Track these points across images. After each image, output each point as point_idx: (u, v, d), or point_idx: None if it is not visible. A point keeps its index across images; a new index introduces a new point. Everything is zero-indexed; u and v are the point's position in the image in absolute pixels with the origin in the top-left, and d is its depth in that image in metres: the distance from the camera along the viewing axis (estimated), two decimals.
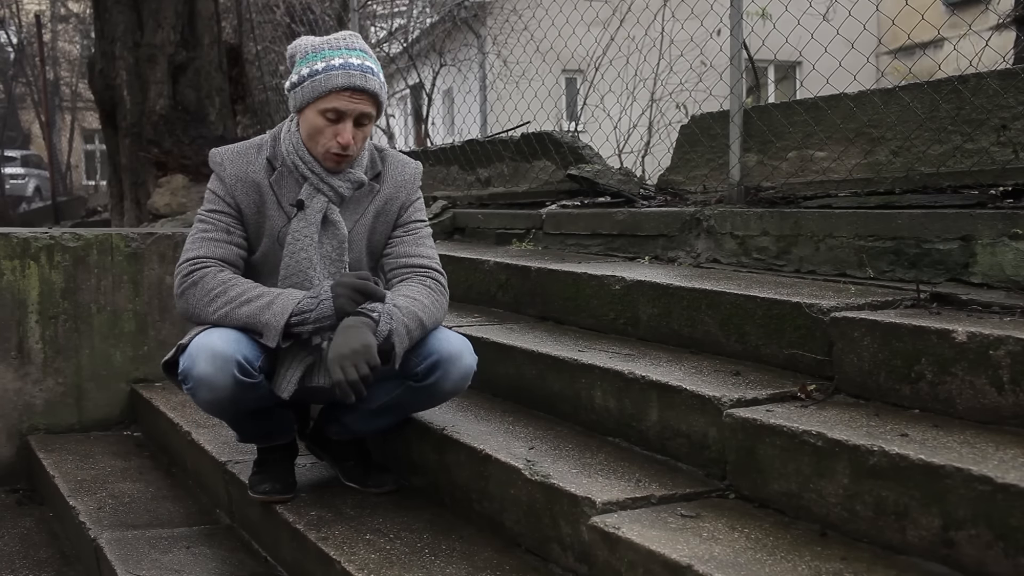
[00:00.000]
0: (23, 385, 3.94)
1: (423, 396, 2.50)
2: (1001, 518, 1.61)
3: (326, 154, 2.45)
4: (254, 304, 2.36)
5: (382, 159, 2.62)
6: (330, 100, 2.39)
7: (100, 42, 7.15)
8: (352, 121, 2.41)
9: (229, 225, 2.50)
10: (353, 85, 2.38)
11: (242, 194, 2.51)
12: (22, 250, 3.91)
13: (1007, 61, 3.94)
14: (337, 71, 2.38)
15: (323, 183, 2.48)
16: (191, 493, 3.24)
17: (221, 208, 2.51)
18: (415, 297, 2.43)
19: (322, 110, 2.40)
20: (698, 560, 1.75)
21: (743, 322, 2.56)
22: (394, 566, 2.19)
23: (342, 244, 2.50)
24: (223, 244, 2.48)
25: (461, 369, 2.43)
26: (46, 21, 18.24)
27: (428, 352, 2.41)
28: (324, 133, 2.43)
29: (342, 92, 2.38)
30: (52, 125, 15.87)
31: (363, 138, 2.48)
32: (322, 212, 2.48)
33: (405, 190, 2.61)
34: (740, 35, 3.76)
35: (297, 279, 2.46)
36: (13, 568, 3.02)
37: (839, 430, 1.94)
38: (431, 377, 2.41)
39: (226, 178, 2.52)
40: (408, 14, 11.78)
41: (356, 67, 2.40)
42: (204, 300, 2.40)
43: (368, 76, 2.41)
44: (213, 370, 2.29)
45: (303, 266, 2.46)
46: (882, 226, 2.92)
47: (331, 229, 2.49)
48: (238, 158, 2.54)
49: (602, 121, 5.87)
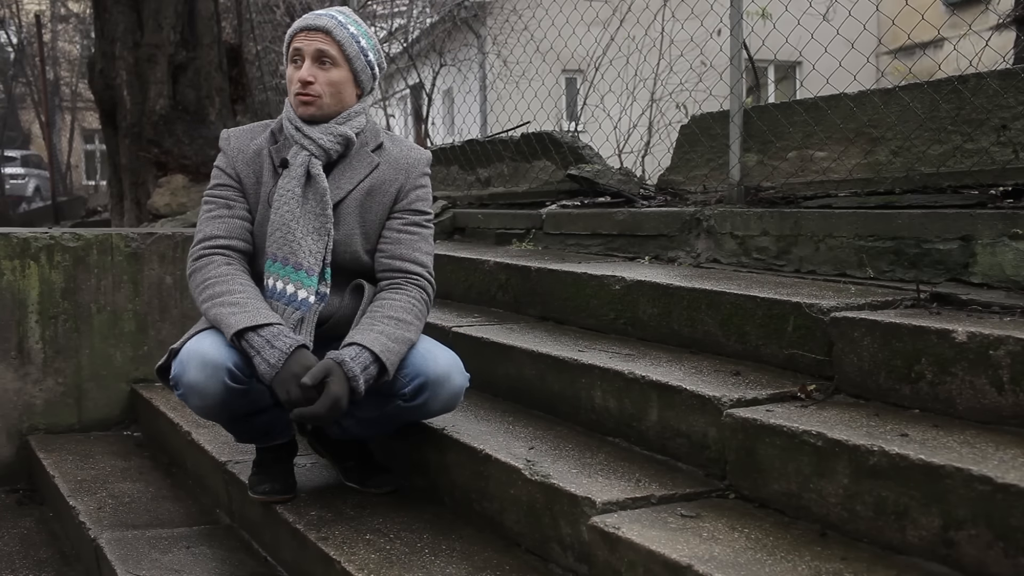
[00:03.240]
0: (23, 385, 3.94)
1: (413, 414, 2.49)
2: (1001, 518, 1.61)
3: (295, 99, 2.52)
4: (225, 308, 2.35)
5: (389, 138, 2.65)
6: (292, 45, 2.54)
7: (100, 42, 7.15)
8: (310, 59, 2.50)
9: (229, 199, 2.54)
10: (304, 25, 2.53)
11: (243, 164, 2.55)
12: (22, 250, 3.91)
13: (1007, 61, 3.94)
14: (298, 21, 2.56)
15: (304, 137, 2.51)
16: (191, 493, 3.24)
17: (223, 182, 2.56)
18: (401, 318, 2.40)
19: (291, 58, 2.55)
20: (698, 560, 1.75)
21: (743, 322, 2.56)
22: (394, 566, 2.19)
23: (323, 199, 2.48)
24: (225, 219, 2.51)
25: (449, 391, 2.41)
26: (46, 21, 18.23)
27: (415, 373, 2.36)
28: (292, 80, 2.53)
29: (298, 34, 2.53)
30: (52, 125, 15.86)
31: (329, 82, 2.51)
32: (304, 166, 2.49)
33: (405, 173, 2.58)
34: (740, 35, 3.76)
35: (281, 234, 2.46)
36: (13, 568, 3.02)
37: (839, 430, 1.94)
38: (419, 399, 2.39)
39: (229, 151, 2.58)
40: (408, 14, 11.78)
41: (312, 14, 2.56)
42: (199, 288, 2.44)
43: (320, 17, 2.53)
44: (203, 377, 2.28)
45: (286, 219, 2.46)
46: (882, 226, 2.92)
47: (313, 184, 2.49)
48: (244, 134, 2.63)
49: (602, 121, 5.87)
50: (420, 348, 2.42)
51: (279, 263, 2.45)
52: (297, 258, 2.45)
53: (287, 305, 2.44)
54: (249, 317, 2.31)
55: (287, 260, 2.45)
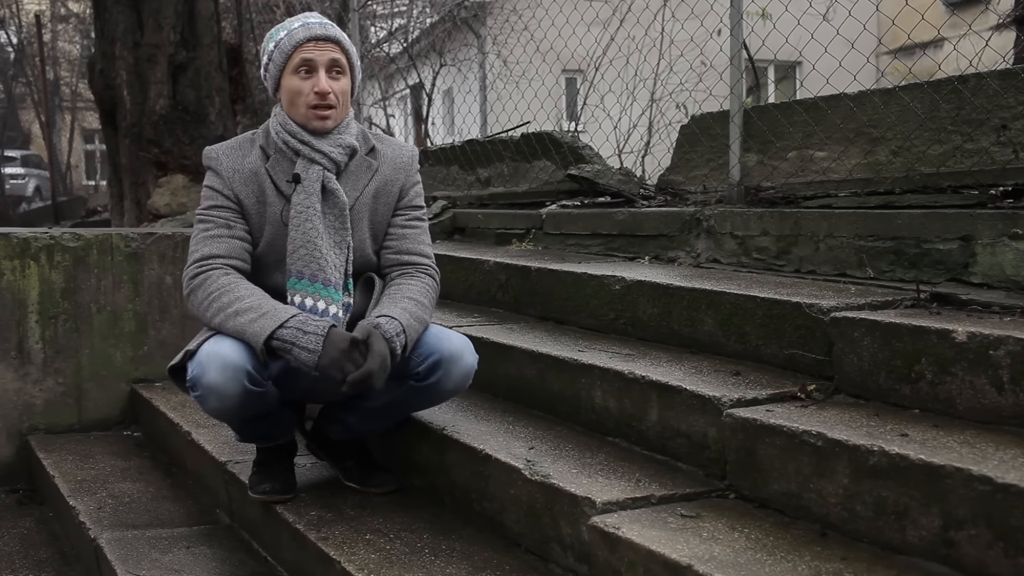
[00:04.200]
0: (23, 385, 3.94)
1: (424, 395, 2.50)
2: (1001, 518, 1.61)
3: (308, 112, 2.48)
4: (241, 317, 2.34)
5: (376, 138, 2.65)
6: (298, 55, 2.47)
7: (100, 42, 7.15)
8: (324, 70, 2.46)
9: (229, 219, 2.50)
10: (314, 35, 2.47)
11: (241, 185, 2.51)
12: (22, 250, 3.91)
13: (1007, 61, 3.94)
14: (298, 29, 2.49)
15: (314, 151, 2.49)
16: (191, 493, 3.24)
17: (220, 203, 2.51)
18: (418, 299, 2.48)
19: (295, 68, 2.47)
20: (698, 560, 1.75)
21: (743, 322, 2.56)
22: (394, 566, 2.19)
23: (343, 212, 2.49)
24: (225, 239, 2.48)
25: (462, 369, 2.44)
26: (46, 21, 18.25)
27: (429, 352, 2.41)
28: (302, 91, 2.47)
29: (307, 44, 2.47)
30: (52, 125, 15.87)
31: (341, 92, 2.50)
32: (319, 181, 2.48)
33: (404, 172, 2.63)
34: (740, 35, 3.76)
35: (306, 251, 2.45)
36: (13, 568, 3.02)
37: (839, 430, 1.94)
38: (432, 377, 2.42)
39: (223, 171, 2.52)
40: (408, 14, 11.78)
41: (315, 23, 2.51)
42: (204, 305, 2.41)
43: (327, 27, 2.50)
44: (223, 379, 2.28)
45: (310, 236, 2.45)
46: (882, 226, 2.92)
47: (331, 198, 2.49)
48: (233, 151, 2.55)
49: (602, 121, 5.87)
50: (433, 329, 2.49)
51: (305, 280, 2.45)
52: (325, 274, 2.46)
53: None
54: (270, 319, 2.31)
55: (315, 277, 2.45)
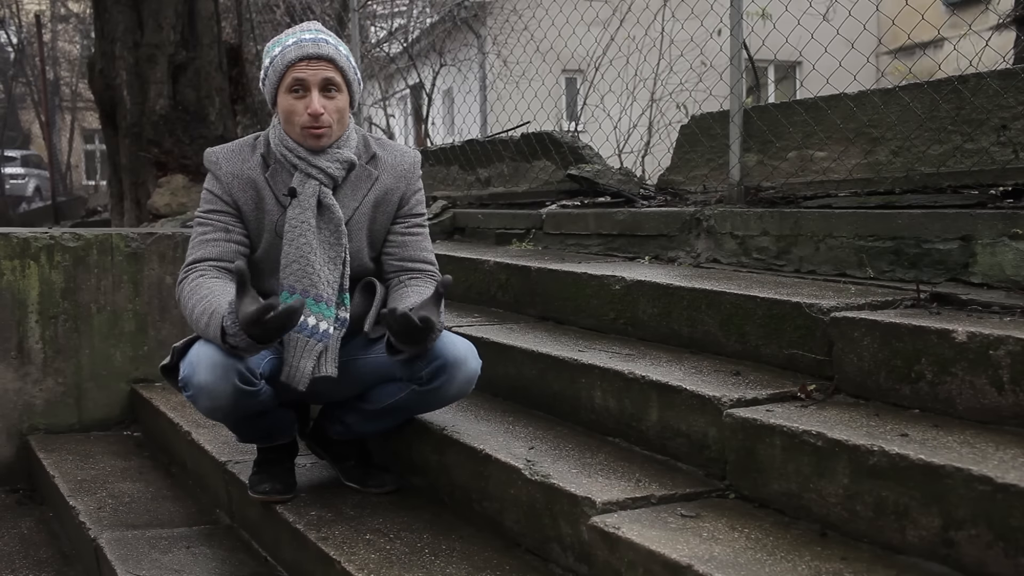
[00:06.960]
0: (23, 385, 3.94)
1: (427, 400, 2.50)
2: (1001, 518, 1.61)
3: (302, 132, 2.46)
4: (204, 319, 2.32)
5: (377, 144, 2.63)
6: (290, 75, 2.44)
7: (100, 42, 7.15)
8: (317, 90, 2.43)
9: (228, 224, 2.50)
10: (306, 54, 2.43)
11: (239, 191, 2.51)
12: (22, 250, 3.91)
13: (1007, 61, 3.94)
14: (290, 47, 2.45)
15: (311, 166, 2.48)
16: (191, 493, 3.24)
17: (218, 207, 2.51)
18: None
19: (288, 88, 2.45)
20: (698, 560, 1.75)
21: (743, 322, 2.56)
22: (394, 566, 2.19)
23: (339, 228, 2.49)
24: (221, 243, 2.48)
25: (466, 373, 2.44)
26: (46, 21, 18.23)
27: (433, 356, 2.40)
28: (296, 111, 2.45)
29: (298, 63, 2.43)
30: (52, 125, 15.86)
31: (336, 110, 2.47)
32: (315, 196, 2.47)
33: (405, 180, 2.61)
34: (740, 35, 3.76)
35: (299, 266, 2.45)
36: (13, 568, 3.02)
37: (839, 430, 1.94)
38: (436, 381, 2.42)
39: (222, 176, 2.52)
40: (408, 14, 11.79)
41: (308, 40, 2.46)
42: (185, 308, 2.42)
43: (321, 44, 2.45)
44: (214, 379, 2.28)
45: (303, 252, 2.44)
46: (882, 226, 2.92)
47: (326, 214, 2.48)
48: (233, 156, 2.55)
49: (602, 121, 5.87)
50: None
51: (297, 295, 2.44)
52: (317, 290, 2.45)
53: (310, 337, 2.44)
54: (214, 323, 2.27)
55: (307, 292, 2.44)
